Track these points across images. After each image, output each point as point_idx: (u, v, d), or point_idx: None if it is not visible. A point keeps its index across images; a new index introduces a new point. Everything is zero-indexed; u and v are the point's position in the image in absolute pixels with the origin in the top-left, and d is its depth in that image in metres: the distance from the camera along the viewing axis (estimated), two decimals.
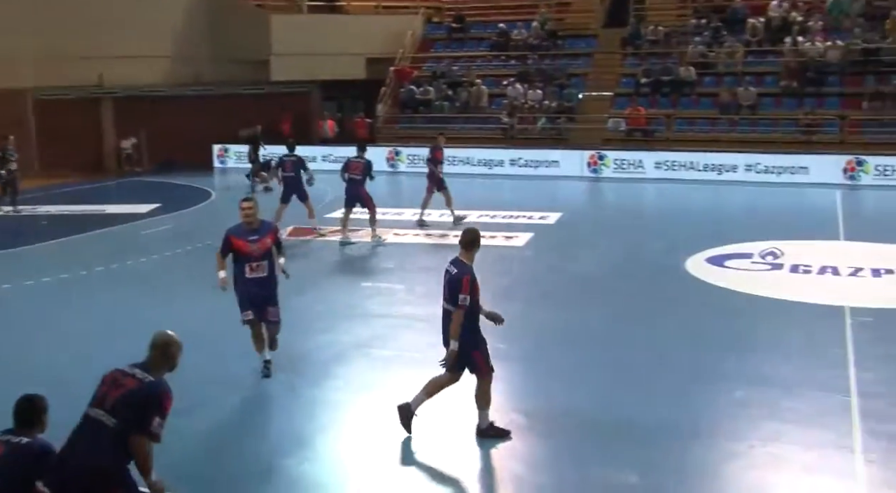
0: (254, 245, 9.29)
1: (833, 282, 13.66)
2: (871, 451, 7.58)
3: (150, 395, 5.29)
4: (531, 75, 30.54)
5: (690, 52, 29.47)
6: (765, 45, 29.46)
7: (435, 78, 31.71)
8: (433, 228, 18.38)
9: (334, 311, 12.38)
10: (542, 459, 7.73)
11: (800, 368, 9.77)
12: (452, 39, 34.17)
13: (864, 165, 24.25)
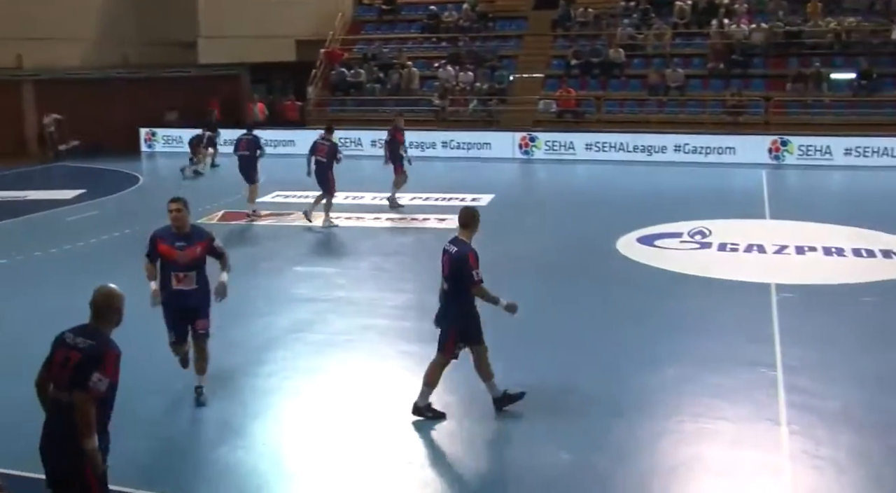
0: (180, 252, 8.12)
1: (759, 260, 13.95)
2: (795, 423, 7.78)
3: (91, 356, 5.20)
4: (462, 57, 30.52)
5: (619, 34, 29.75)
6: (692, 28, 29.89)
7: (366, 60, 31.51)
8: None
9: (267, 296, 12.26)
10: (481, 440, 7.76)
11: (728, 344, 9.96)
12: (383, 21, 33.97)
13: (788, 145, 24.81)
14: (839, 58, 27.71)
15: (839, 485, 6.80)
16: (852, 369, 9.15)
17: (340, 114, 30.14)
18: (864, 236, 15.13)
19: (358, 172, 25.01)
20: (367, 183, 21.50)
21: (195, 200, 19.57)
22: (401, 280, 13.18)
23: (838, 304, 11.60)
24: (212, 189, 21.57)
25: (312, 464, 7.29)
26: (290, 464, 7.32)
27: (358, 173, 24.76)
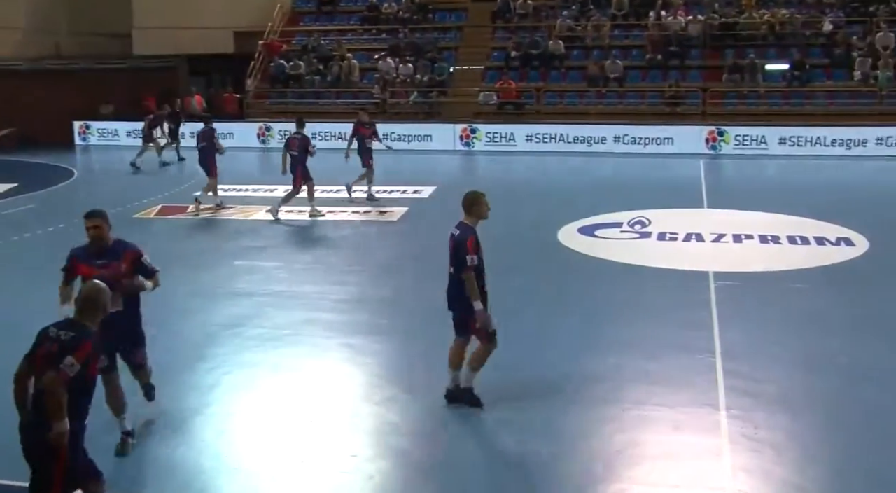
0: (101, 271, 7.08)
1: (698, 248, 14.15)
2: (734, 407, 7.90)
3: (67, 345, 5.32)
4: (402, 49, 30.43)
5: (559, 25, 29.92)
6: (630, 20, 30.17)
7: (305, 52, 31.25)
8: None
9: (206, 291, 12.09)
10: (424, 431, 7.74)
11: (668, 331, 10.08)
12: (322, 13, 33.71)
13: (724, 135, 25.20)
14: (773, 49, 28.25)
15: (777, 465, 6.92)
16: (787, 354, 9.33)
17: (280, 106, 29.88)
18: (799, 224, 15.43)
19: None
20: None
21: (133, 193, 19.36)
22: (343, 273, 13.10)
23: (774, 290, 11.81)
24: (151, 182, 21.24)
25: (256, 459, 7.21)
26: (232, 460, 7.24)
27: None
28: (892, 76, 26.02)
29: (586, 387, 8.54)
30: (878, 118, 25.46)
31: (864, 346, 9.57)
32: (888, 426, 7.59)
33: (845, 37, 27.55)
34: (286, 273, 12.97)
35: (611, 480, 6.81)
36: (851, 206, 16.96)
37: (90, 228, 7.31)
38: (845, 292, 11.73)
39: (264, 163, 26.13)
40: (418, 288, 12.22)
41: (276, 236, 15.58)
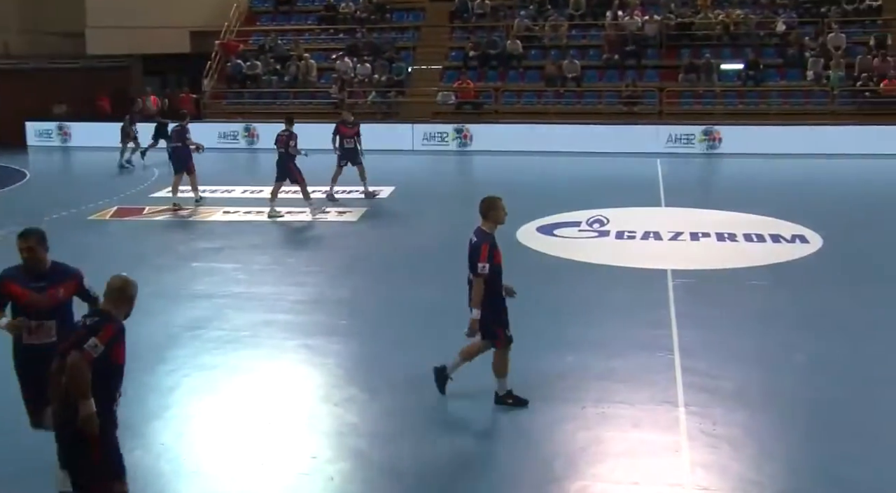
0: (37, 296, 6.48)
1: (656, 247, 14.26)
2: (692, 403, 7.99)
3: (92, 328, 5.43)
4: (360, 49, 30.34)
5: (516, 25, 30.01)
6: (587, 20, 30.34)
7: (262, 52, 31.04)
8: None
9: (164, 293, 11.95)
10: (384, 432, 7.72)
11: (626, 329, 10.15)
12: (279, 12, 33.49)
13: (682, 134, 25.40)
14: (728, 49, 28.57)
15: (733, 461, 7.00)
16: (744, 350, 9.44)
17: (237, 107, 29.68)
18: (755, 222, 15.62)
19: (255, 167, 24.71)
20: (265, 177, 21.20)
21: (88, 195, 19.07)
22: (302, 274, 13.03)
23: (731, 288, 11.94)
24: (106, 184, 20.96)
25: (215, 462, 7.14)
26: (191, 463, 7.17)
27: (255, 167, 24.46)
28: (843, 76, 26.44)
29: (546, 386, 8.57)
30: (830, 117, 25.86)
31: (818, 342, 9.71)
32: (843, 422, 7.71)
33: (798, 37, 27.95)
34: (244, 274, 12.87)
35: (573, 477, 6.84)
36: (806, 204, 17.21)
37: (23, 249, 6.56)
38: (800, 288, 11.90)
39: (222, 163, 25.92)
40: (377, 288, 12.21)
41: (233, 238, 15.44)
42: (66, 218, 16.94)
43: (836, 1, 29.08)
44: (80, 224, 16.58)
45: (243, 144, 27.91)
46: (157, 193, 19.39)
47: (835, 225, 15.19)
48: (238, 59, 30.59)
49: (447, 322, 10.46)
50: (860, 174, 21.96)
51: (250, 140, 27.95)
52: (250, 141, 27.93)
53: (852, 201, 18.04)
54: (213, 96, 30.35)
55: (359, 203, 18.11)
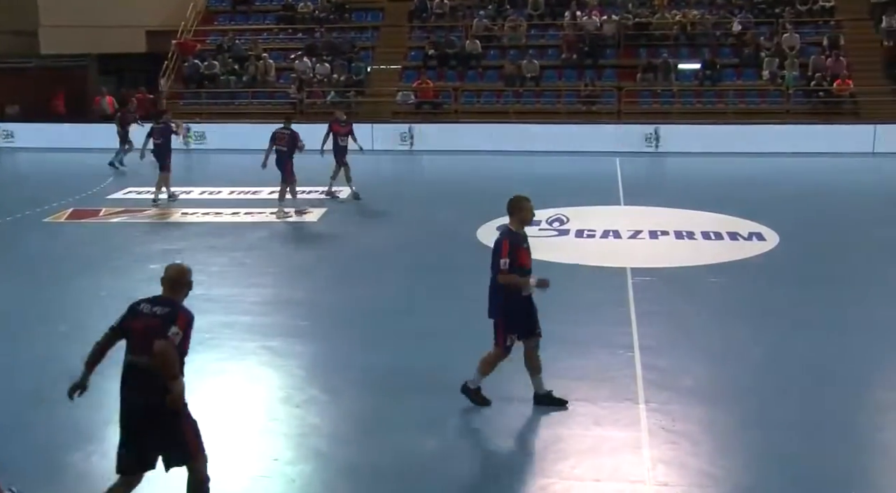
0: None
1: (615, 245, 14.35)
2: (652, 400, 8.04)
3: (168, 318, 5.89)
4: (319, 49, 30.21)
5: (475, 25, 30.05)
6: (546, 20, 30.46)
7: (220, 52, 30.78)
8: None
9: (119, 295, 11.72)
10: (344, 433, 7.69)
11: (587, 327, 10.19)
12: (237, 12, 33.25)
13: (640, 133, 25.59)
14: (685, 49, 28.84)
15: (693, 457, 7.06)
16: (703, 347, 9.52)
17: (195, 107, 29.39)
18: (713, 220, 15.77)
19: (213, 167, 24.53)
20: (222, 178, 21.08)
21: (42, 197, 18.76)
22: (261, 275, 12.94)
23: (689, 285, 12.05)
24: (61, 185, 20.63)
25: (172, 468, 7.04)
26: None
27: (213, 168, 24.28)
28: (798, 76, 26.80)
29: (506, 384, 8.56)
30: (785, 117, 26.23)
31: (775, 337, 9.84)
32: (799, 416, 7.81)
33: (753, 37, 28.29)
34: (203, 276, 12.70)
35: (534, 475, 6.86)
36: (762, 202, 17.41)
37: None
38: (757, 285, 12.04)
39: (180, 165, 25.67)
40: (338, 289, 12.16)
41: (191, 239, 15.29)
42: (21, 221, 16.68)
43: (791, 2, 29.48)
44: (35, 227, 16.32)
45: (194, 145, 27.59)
46: (114, 195, 19.16)
47: (791, 223, 15.39)
48: (195, 59, 30.31)
49: (408, 322, 10.48)
50: (815, 172, 22.28)
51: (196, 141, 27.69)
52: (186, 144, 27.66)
53: (807, 199, 18.29)
54: (170, 97, 30.03)
55: (318, 203, 18.00)
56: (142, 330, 5.89)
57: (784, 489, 6.66)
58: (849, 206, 17.76)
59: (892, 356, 9.31)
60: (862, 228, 15.65)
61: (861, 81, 26.58)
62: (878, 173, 23.07)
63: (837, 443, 7.29)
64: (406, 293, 11.81)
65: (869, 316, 10.58)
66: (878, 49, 27.81)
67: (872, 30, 28.48)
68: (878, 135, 24.76)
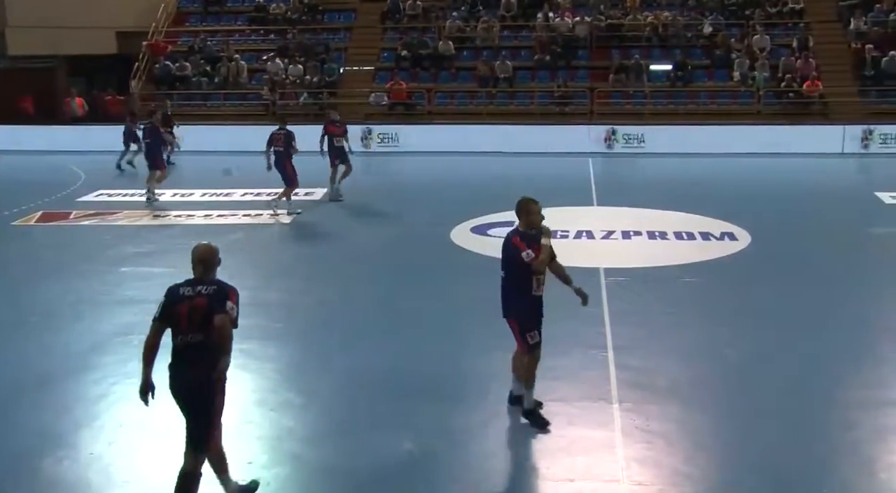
0: None
1: (588, 245, 14.40)
2: (627, 400, 8.07)
3: (219, 295, 6.19)
4: (291, 50, 30.10)
5: (448, 26, 30.05)
6: (518, 21, 30.52)
7: (192, 53, 30.57)
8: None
9: (91, 298, 11.71)
10: (320, 435, 7.67)
11: (561, 328, 10.16)
12: (208, 13, 33.01)
13: (613, 134, 25.70)
14: (657, 50, 28.99)
15: (668, 456, 7.10)
16: (676, 346, 9.58)
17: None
18: (685, 220, 15.86)
19: (185, 169, 24.34)
20: (195, 180, 20.97)
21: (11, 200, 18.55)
22: (235, 277, 12.73)
23: (662, 285, 12.11)
24: (30, 188, 20.41)
25: (146, 472, 7.00)
26: (122, 473, 7.01)
27: (185, 170, 24.09)
28: (768, 77, 27.02)
29: (481, 384, 8.59)
30: (756, 117, 26.44)
31: (748, 336, 9.91)
32: (773, 415, 7.87)
33: (724, 39, 28.49)
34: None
35: (510, 475, 6.86)
36: (734, 202, 17.53)
37: None
38: (730, 284, 12.12)
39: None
40: (312, 291, 12.12)
41: (163, 241, 15.16)
42: None
43: (761, 4, 29.73)
44: (4, 230, 16.15)
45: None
46: (85, 197, 18.99)
47: (762, 223, 15.50)
48: (167, 61, 30.09)
49: (383, 324, 10.46)
50: (785, 172, 22.45)
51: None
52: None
53: (778, 199, 18.43)
54: (141, 98, 29.78)
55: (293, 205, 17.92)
56: (188, 312, 6.18)
57: (758, 487, 6.71)
58: (819, 205, 17.95)
59: (864, 354, 9.41)
60: (832, 227, 15.83)
61: (830, 83, 26.84)
62: (847, 173, 23.35)
63: (811, 442, 7.36)
64: (381, 295, 11.79)
65: (841, 314, 10.70)
66: (847, 51, 28.10)
67: (841, 32, 28.79)
68: (847, 135, 25.02)
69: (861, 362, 9.17)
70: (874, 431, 7.59)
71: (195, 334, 6.14)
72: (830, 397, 8.33)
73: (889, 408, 8.04)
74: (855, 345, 9.63)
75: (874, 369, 9.04)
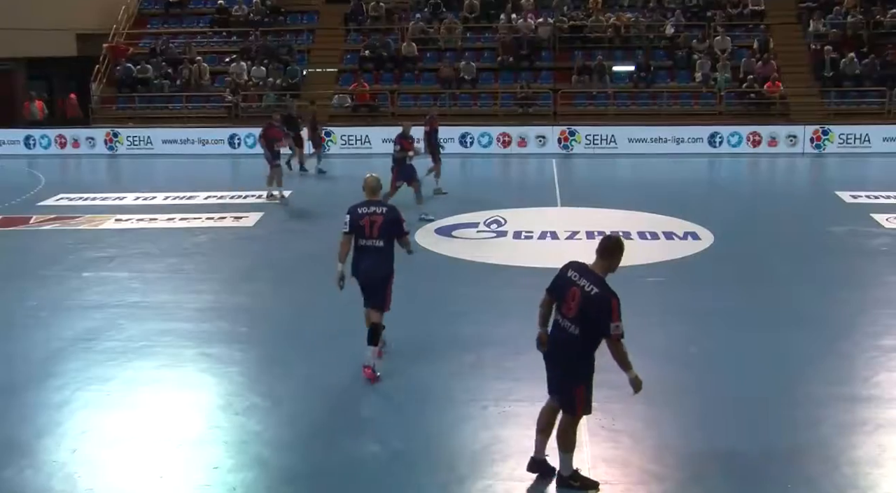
0: None
1: (552, 246, 14.45)
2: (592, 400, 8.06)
3: (389, 215, 8.77)
4: (254, 52, 29.92)
5: (411, 28, 30.04)
6: (481, 22, 30.58)
7: (153, 55, 30.29)
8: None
9: (52, 304, 11.55)
10: (287, 439, 7.62)
11: (525, 328, 10.16)
12: (170, 15, 32.76)
13: (575, 135, 25.84)
14: (619, 51, 29.18)
15: (634, 454, 7.14)
16: (641, 345, 9.56)
17: (128, 111, 28.91)
18: (648, 220, 15.97)
19: (147, 173, 24.14)
20: (157, 183, 20.79)
21: None
22: (200, 281, 12.75)
23: (627, 285, 12.03)
24: None
25: (111, 479, 6.92)
26: (86, 481, 6.91)
27: (147, 173, 23.90)
28: (729, 78, 27.30)
29: (447, 386, 8.59)
30: (717, 118, 26.71)
31: (712, 335, 10.00)
32: (738, 412, 7.94)
33: (686, 40, 28.75)
34: (139, 283, 12.52)
35: (475, 476, 6.86)
36: (696, 201, 17.70)
37: None
38: (694, 283, 12.21)
39: (112, 171, 25.27)
40: (277, 294, 12.06)
41: (126, 246, 15.01)
42: None
43: (722, 5, 30.03)
44: None
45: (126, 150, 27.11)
46: (45, 202, 18.74)
47: (725, 222, 15.65)
48: (128, 63, 29.79)
49: (348, 327, 10.40)
50: (746, 172, 22.71)
51: (111, 146, 27.19)
52: (111, 147, 27.18)
53: (740, 199, 18.64)
54: (102, 101, 29.48)
55: (255, 208, 17.81)
56: (368, 224, 8.60)
57: (724, 485, 6.77)
58: (781, 205, 18.16)
59: (829, 351, 9.51)
60: (794, 226, 16.00)
61: (790, 84, 27.19)
62: (807, 173, 23.64)
63: (775, 439, 7.43)
64: (346, 297, 11.71)
65: (803, 312, 10.82)
66: (806, 52, 28.48)
67: (800, 34, 29.16)
68: (807, 136, 25.35)
69: (823, 359, 9.27)
70: (837, 426, 7.68)
71: (377, 240, 8.61)
72: (794, 393, 8.42)
73: (851, 404, 8.14)
74: (817, 342, 9.74)
75: (836, 365, 9.15)
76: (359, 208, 8.67)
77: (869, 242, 14.58)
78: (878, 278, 12.58)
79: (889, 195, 18.05)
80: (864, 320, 10.64)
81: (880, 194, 18.15)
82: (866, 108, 26.77)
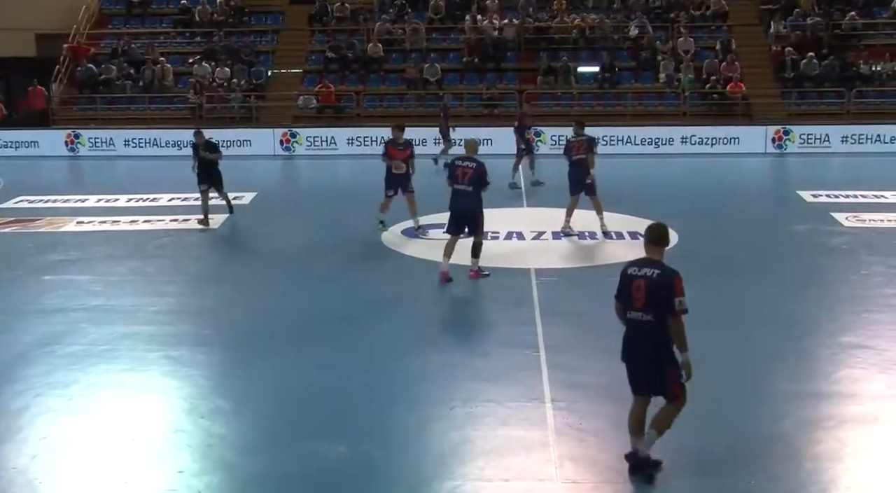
0: None
1: (519, 246, 14.48)
2: (559, 400, 8.12)
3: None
4: (218, 53, 29.71)
5: (377, 29, 29.98)
6: (447, 23, 30.59)
7: (115, 56, 29.95)
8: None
9: (11, 308, 11.39)
10: (253, 442, 7.57)
11: (493, 328, 10.26)
12: (132, 15, 32.38)
13: (541, 135, 25.89)
14: (584, 52, 29.31)
15: (602, 453, 7.16)
16: (608, 345, 9.57)
17: (89, 113, 28.57)
18: (613, 220, 16.03)
19: (109, 175, 23.91)
20: (119, 185, 20.58)
21: None
22: (163, 284, 12.63)
23: (593, 284, 12.19)
24: None
25: (74, 484, 6.84)
26: (47, 487, 6.83)
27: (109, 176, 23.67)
28: (693, 79, 27.53)
29: (415, 387, 8.58)
30: (682, 118, 26.94)
31: None
32: (703, 410, 7.96)
33: (650, 41, 28.96)
34: (101, 286, 12.36)
35: (443, 477, 6.86)
36: (661, 201, 17.78)
37: None
38: None
39: (74, 172, 24.98)
40: (241, 297, 11.98)
41: (89, 248, 14.82)
42: None
43: (685, 7, 30.28)
44: None
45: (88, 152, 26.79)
46: (4, 204, 18.47)
47: (690, 221, 15.73)
48: (89, 64, 29.44)
49: (313, 330, 10.37)
50: (711, 172, 22.89)
51: (73, 148, 26.88)
52: (73, 149, 26.86)
53: (705, 198, 18.79)
54: (63, 102, 29.11)
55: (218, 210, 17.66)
56: (461, 173, 11.10)
57: (691, 482, 6.82)
58: (744, 204, 18.31)
59: (791, 348, 9.61)
60: (757, 225, 16.15)
61: (752, 84, 27.46)
62: (769, 172, 23.89)
63: (740, 435, 7.49)
64: (312, 299, 11.70)
65: (768, 310, 10.93)
66: (767, 53, 28.79)
67: (762, 35, 29.48)
68: (770, 135, 25.62)
69: (786, 357, 9.37)
70: (800, 422, 7.77)
71: (464, 185, 10.81)
72: (758, 390, 8.50)
73: (814, 400, 8.24)
74: (780, 340, 9.85)
75: (798, 362, 9.26)
76: (457, 161, 11.90)
77: (830, 241, 14.76)
78: (839, 276, 12.74)
79: (848, 195, 18.29)
80: (825, 317, 10.79)
81: (840, 194, 18.38)
82: (826, 108, 27.12)
